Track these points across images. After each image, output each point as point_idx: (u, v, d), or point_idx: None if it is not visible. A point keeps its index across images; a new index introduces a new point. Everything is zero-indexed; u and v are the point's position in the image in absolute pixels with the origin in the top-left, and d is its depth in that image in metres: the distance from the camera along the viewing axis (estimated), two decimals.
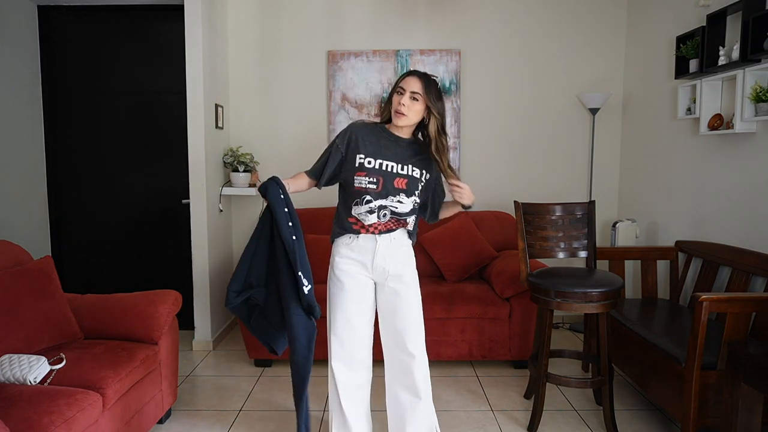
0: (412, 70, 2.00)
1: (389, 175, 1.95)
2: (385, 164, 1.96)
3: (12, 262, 2.40)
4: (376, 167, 1.95)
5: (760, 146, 2.59)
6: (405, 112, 1.92)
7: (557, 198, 3.88)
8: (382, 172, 1.95)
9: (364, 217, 1.97)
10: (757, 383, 1.80)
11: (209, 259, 3.55)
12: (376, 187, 1.94)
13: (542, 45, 3.97)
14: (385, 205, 1.96)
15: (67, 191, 3.90)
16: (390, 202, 1.96)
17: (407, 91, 1.92)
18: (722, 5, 2.76)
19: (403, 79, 1.96)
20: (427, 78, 1.96)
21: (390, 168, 1.96)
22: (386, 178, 1.95)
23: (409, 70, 2.02)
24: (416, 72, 1.97)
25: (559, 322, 4.07)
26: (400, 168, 1.97)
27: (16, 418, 1.68)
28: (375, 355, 2.17)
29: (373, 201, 1.95)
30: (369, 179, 1.94)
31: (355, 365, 2.08)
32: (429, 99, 1.93)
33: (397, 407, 2.10)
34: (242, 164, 3.75)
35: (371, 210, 1.96)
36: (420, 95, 1.92)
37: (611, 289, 2.37)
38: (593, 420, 2.64)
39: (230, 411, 2.75)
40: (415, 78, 1.94)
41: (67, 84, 3.84)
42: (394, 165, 1.96)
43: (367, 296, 2.07)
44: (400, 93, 1.94)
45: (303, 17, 3.97)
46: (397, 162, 1.97)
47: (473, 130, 4.03)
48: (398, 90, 1.95)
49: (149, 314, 2.44)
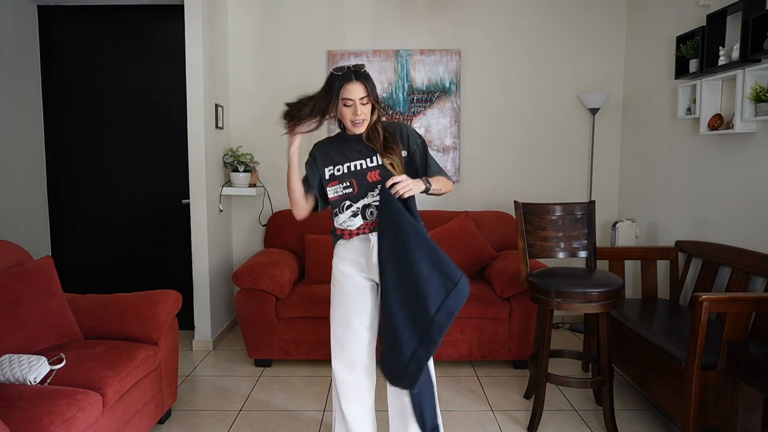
0: (346, 74, 1.86)
1: (360, 173, 1.95)
2: (353, 165, 1.96)
3: (12, 262, 2.40)
4: (345, 171, 1.97)
5: (760, 146, 2.59)
6: (363, 119, 1.92)
7: (557, 198, 3.88)
8: (353, 173, 1.96)
9: (349, 224, 1.98)
10: (757, 383, 1.80)
11: (209, 259, 3.55)
12: (352, 190, 1.95)
13: (542, 45, 3.97)
14: (368, 203, 1.96)
15: (67, 191, 3.90)
16: (371, 198, 1.96)
17: (356, 100, 1.88)
18: (722, 5, 2.76)
19: (344, 89, 1.85)
20: (365, 77, 1.89)
21: (359, 166, 1.96)
22: (358, 177, 1.95)
23: (342, 74, 1.87)
24: (353, 75, 1.87)
25: (559, 322, 4.07)
26: (369, 162, 1.96)
27: (16, 418, 1.68)
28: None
29: (353, 204, 1.96)
30: (342, 185, 1.96)
31: (354, 367, 2.07)
32: (374, 96, 1.92)
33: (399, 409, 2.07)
34: (242, 164, 3.75)
35: (355, 213, 1.96)
36: (367, 97, 1.90)
37: (611, 289, 2.37)
38: (593, 420, 2.64)
39: (230, 411, 2.75)
40: (356, 84, 1.86)
41: (67, 84, 3.84)
42: (362, 162, 1.97)
43: (366, 298, 2.05)
44: (348, 105, 1.88)
45: (303, 17, 3.97)
46: (364, 158, 1.97)
47: (473, 130, 4.03)
48: (345, 102, 1.87)
49: (149, 314, 2.44)
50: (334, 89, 1.87)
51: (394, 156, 1.95)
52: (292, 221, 3.82)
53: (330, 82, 1.89)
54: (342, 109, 1.90)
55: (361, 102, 1.89)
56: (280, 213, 3.89)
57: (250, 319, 3.19)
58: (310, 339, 3.21)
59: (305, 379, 3.14)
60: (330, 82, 1.89)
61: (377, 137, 1.96)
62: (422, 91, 3.98)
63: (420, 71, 3.96)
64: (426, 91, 3.98)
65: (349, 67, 1.89)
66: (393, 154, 1.94)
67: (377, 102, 1.94)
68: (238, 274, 3.17)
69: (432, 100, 3.98)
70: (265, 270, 3.18)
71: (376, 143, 1.95)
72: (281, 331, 3.21)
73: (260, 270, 3.17)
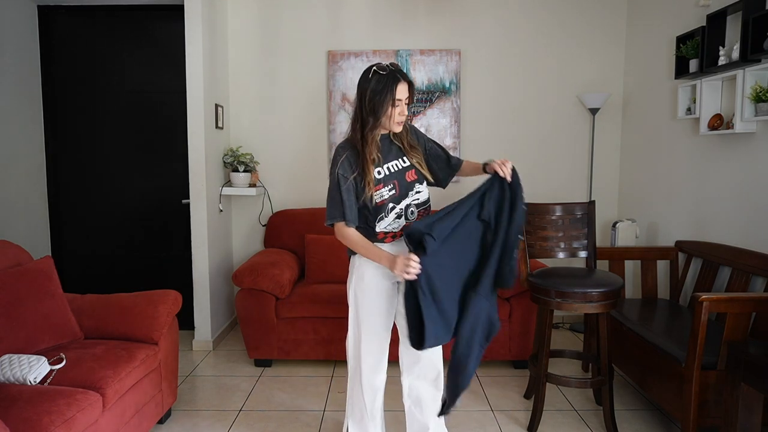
0: (394, 74, 1.89)
1: (400, 173, 1.97)
2: (392, 166, 1.97)
3: (12, 262, 2.40)
4: (386, 174, 1.95)
5: (760, 146, 2.59)
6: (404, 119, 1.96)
7: (557, 198, 3.87)
8: (394, 175, 1.96)
9: (394, 226, 1.95)
10: (757, 383, 1.80)
11: (209, 259, 3.55)
12: (395, 192, 1.94)
13: (542, 45, 3.97)
14: (409, 203, 1.97)
15: (67, 191, 3.90)
16: (411, 198, 1.97)
17: (402, 100, 1.92)
18: (722, 5, 2.76)
19: (396, 89, 1.87)
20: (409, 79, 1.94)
21: (397, 167, 1.97)
22: (399, 178, 1.96)
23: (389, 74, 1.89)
24: (402, 77, 1.90)
25: (559, 322, 4.07)
26: (403, 161, 1.99)
27: (16, 418, 1.68)
28: None
29: (396, 206, 1.95)
30: (387, 188, 1.93)
31: (380, 367, 2.09)
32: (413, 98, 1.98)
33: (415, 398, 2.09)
34: (242, 164, 3.75)
35: (399, 215, 1.95)
36: (409, 97, 1.95)
37: (611, 289, 2.37)
38: (593, 420, 2.64)
39: (230, 411, 2.75)
40: (404, 85, 1.90)
41: (67, 84, 3.84)
42: (397, 162, 1.98)
43: (395, 300, 2.05)
44: (396, 105, 1.90)
45: (303, 17, 3.97)
46: (399, 157, 1.99)
47: (473, 130, 4.03)
48: (394, 103, 1.88)
49: (149, 314, 2.44)
50: (388, 88, 1.87)
51: (419, 154, 2.03)
52: (291, 221, 3.82)
53: (381, 82, 1.87)
54: (389, 108, 1.89)
55: (405, 102, 1.94)
56: (280, 213, 3.89)
57: (250, 319, 3.19)
58: (310, 339, 3.21)
59: (305, 378, 3.14)
60: (382, 81, 1.87)
61: (405, 135, 2.02)
62: (422, 91, 3.97)
63: (420, 71, 3.96)
64: (426, 91, 3.98)
65: (391, 67, 1.89)
66: (416, 152, 2.03)
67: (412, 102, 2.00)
68: (238, 274, 3.17)
69: (432, 100, 3.98)
70: (265, 270, 3.18)
71: (404, 141, 2.01)
72: (281, 331, 3.21)
73: (260, 270, 3.18)
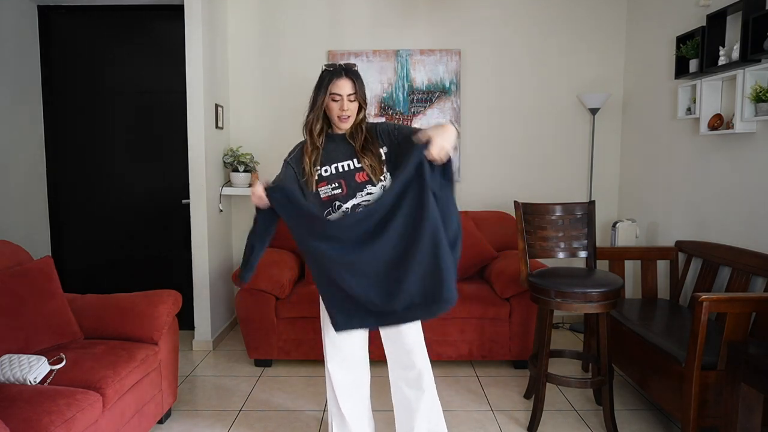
0: (337, 70, 1.93)
1: (349, 174, 1.96)
2: (340, 166, 1.97)
3: (12, 262, 2.40)
4: (332, 173, 1.97)
5: (760, 146, 2.59)
6: (349, 115, 1.95)
7: (557, 198, 3.88)
8: (340, 174, 1.96)
9: None
10: (757, 383, 1.80)
11: (209, 259, 3.55)
12: (341, 191, 1.96)
13: (542, 45, 3.97)
14: (358, 203, 1.96)
15: (67, 191, 3.90)
16: (361, 198, 1.96)
17: (344, 96, 1.92)
18: (722, 5, 2.76)
19: (333, 84, 1.91)
20: (354, 75, 1.95)
21: (347, 167, 1.97)
22: (347, 178, 1.96)
23: (333, 70, 1.94)
24: (342, 72, 1.92)
25: (559, 322, 4.07)
26: (355, 162, 1.98)
27: (16, 418, 1.68)
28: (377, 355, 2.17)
29: (344, 205, 1.97)
30: (330, 186, 1.96)
31: (351, 364, 2.08)
32: (362, 95, 1.96)
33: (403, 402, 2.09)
34: (242, 164, 3.75)
35: (346, 212, 1.96)
36: (355, 95, 1.94)
37: (611, 289, 2.37)
38: (593, 420, 2.64)
39: (230, 411, 2.75)
40: (345, 80, 1.91)
41: (67, 84, 3.84)
42: (349, 162, 1.98)
43: None
44: (335, 100, 1.93)
45: (303, 17, 3.97)
46: (351, 158, 1.98)
47: (473, 130, 4.03)
48: (333, 98, 1.92)
49: (149, 314, 2.44)
50: (324, 83, 1.94)
51: (373, 157, 1.98)
52: None
53: (321, 78, 1.96)
54: (329, 103, 1.95)
55: (348, 98, 1.93)
56: None
57: (250, 319, 3.19)
58: (310, 339, 3.21)
59: (305, 379, 3.14)
60: (321, 77, 1.96)
61: (359, 137, 2.00)
62: (422, 91, 3.98)
63: (420, 71, 3.96)
64: (426, 91, 3.98)
65: (340, 64, 1.96)
66: (371, 155, 1.98)
67: (364, 102, 1.99)
68: None
69: (432, 100, 3.98)
70: (265, 270, 3.18)
71: (357, 143, 1.99)
72: (281, 331, 3.21)
73: (260, 270, 3.17)
